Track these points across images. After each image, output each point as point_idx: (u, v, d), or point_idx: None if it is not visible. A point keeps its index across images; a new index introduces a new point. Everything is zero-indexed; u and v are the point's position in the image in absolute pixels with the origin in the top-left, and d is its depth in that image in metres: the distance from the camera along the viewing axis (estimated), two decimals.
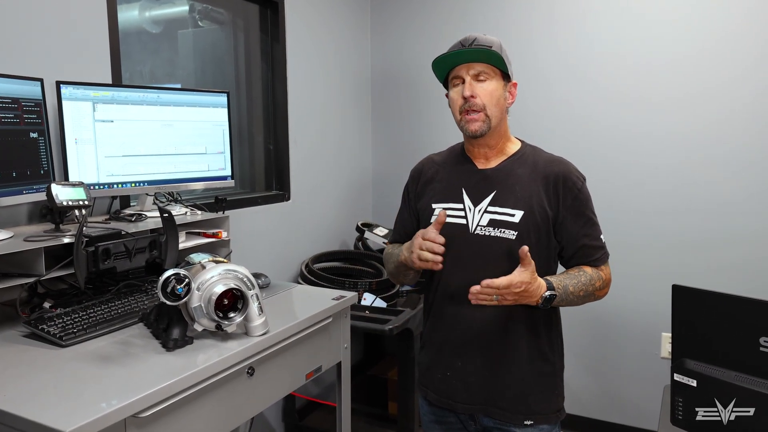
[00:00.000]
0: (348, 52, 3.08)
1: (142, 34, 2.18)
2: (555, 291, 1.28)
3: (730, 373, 1.16)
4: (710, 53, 2.46)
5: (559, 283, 1.30)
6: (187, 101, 1.90)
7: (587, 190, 1.39)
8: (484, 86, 1.34)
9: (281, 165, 2.67)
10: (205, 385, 1.20)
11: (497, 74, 1.35)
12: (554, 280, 1.31)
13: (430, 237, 1.30)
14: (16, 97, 1.43)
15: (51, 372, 1.13)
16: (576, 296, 1.33)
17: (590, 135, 2.72)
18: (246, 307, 1.28)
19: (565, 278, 1.33)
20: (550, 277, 1.32)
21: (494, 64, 1.34)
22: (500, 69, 1.36)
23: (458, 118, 1.38)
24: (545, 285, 1.28)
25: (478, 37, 1.35)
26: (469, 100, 1.33)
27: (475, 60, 1.33)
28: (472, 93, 1.33)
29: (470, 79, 1.33)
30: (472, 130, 1.35)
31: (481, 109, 1.33)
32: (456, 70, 1.36)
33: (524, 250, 1.22)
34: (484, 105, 1.33)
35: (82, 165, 1.64)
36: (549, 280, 1.29)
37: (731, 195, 2.47)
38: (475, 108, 1.33)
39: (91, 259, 1.40)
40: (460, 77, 1.35)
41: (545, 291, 1.27)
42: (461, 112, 1.36)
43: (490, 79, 1.34)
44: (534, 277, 1.25)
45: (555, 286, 1.29)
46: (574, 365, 2.81)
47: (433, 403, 1.47)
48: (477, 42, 1.34)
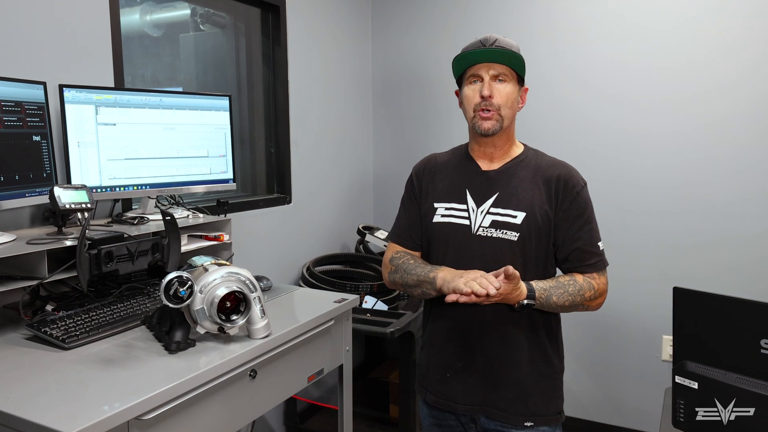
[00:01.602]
0: (349, 54, 3.09)
1: (144, 37, 2.19)
2: (535, 300, 1.29)
3: (732, 375, 1.16)
4: (710, 55, 2.46)
5: (543, 293, 1.30)
6: (188, 104, 1.91)
7: (587, 195, 1.39)
8: (502, 87, 1.35)
9: (282, 168, 2.67)
10: (208, 387, 1.20)
11: (514, 77, 1.37)
12: (538, 288, 1.30)
13: (492, 280, 1.22)
14: (19, 100, 1.43)
15: (54, 374, 1.14)
16: (560, 306, 1.33)
17: (590, 137, 2.72)
18: (248, 310, 1.28)
19: (552, 287, 1.32)
20: (537, 282, 1.32)
21: (514, 67, 1.36)
22: (517, 73, 1.37)
23: (471, 115, 1.38)
24: (525, 293, 1.28)
25: (499, 38, 1.36)
26: (487, 100, 1.34)
27: (497, 60, 1.34)
28: (490, 93, 1.34)
29: (489, 79, 1.35)
30: (485, 128, 1.35)
31: (497, 110, 1.35)
32: (475, 68, 1.36)
33: (509, 271, 1.20)
34: (500, 106, 1.35)
35: (84, 168, 1.64)
36: (532, 288, 1.29)
37: (732, 197, 2.47)
38: (490, 107, 1.34)
39: (93, 262, 1.40)
40: (479, 76, 1.36)
41: (524, 298, 1.28)
42: (476, 109, 1.36)
43: (507, 81, 1.35)
44: (516, 286, 1.25)
45: (537, 296, 1.29)
46: (574, 367, 2.81)
47: (433, 406, 1.48)
48: (498, 43, 1.35)
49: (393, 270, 1.47)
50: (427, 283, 1.35)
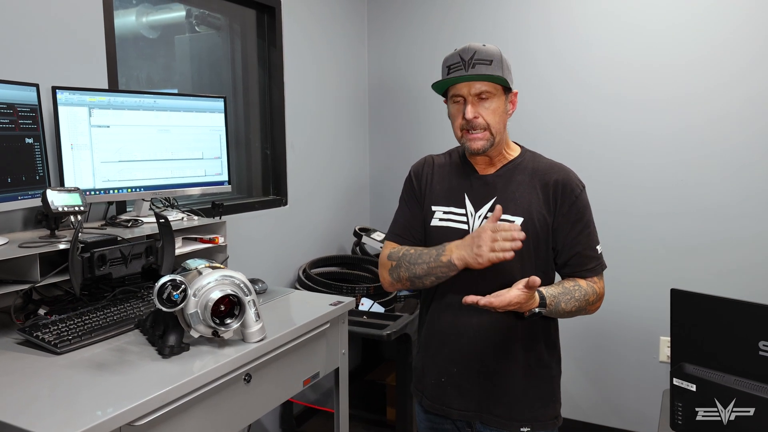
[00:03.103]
0: (345, 56, 3.08)
1: (138, 39, 2.18)
2: (546, 308, 1.27)
3: (730, 377, 1.15)
4: (707, 55, 2.46)
5: (553, 300, 1.29)
6: (183, 106, 1.90)
7: (586, 198, 1.38)
8: (487, 105, 1.31)
9: (278, 170, 2.66)
10: (202, 392, 1.19)
11: (499, 90, 1.32)
12: (548, 295, 1.29)
13: (504, 227, 1.20)
14: (11, 102, 1.42)
15: (46, 380, 1.13)
16: (567, 312, 1.32)
17: (588, 138, 2.72)
18: (243, 314, 1.27)
19: (560, 294, 1.31)
20: (546, 289, 1.30)
21: (497, 82, 1.31)
22: (502, 84, 1.34)
23: (459, 134, 1.35)
24: (538, 301, 1.26)
25: (477, 49, 1.30)
26: (472, 121, 1.30)
27: (476, 80, 1.30)
28: (474, 114, 1.30)
29: (472, 99, 1.30)
30: (474, 148, 1.32)
31: (485, 128, 1.31)
32: (456, 88, 1.32)
33: (536, 283, 1.18)
34: (488, 124, 1.31)
35: (77, 170, 1.63)
36: (543, 296, 1.28)
37: (730, 198, 2.47)
38: (478, 127, 1.31)
39: (86, 266, 1.39)
40: (461, 96, 1.32)
41: (536, 306, 1.26)
42: (462, 129, 1.33)
43: (492, 98, 1.31)
44: (531, 295, 1.23)
45: (548, 303, 1.28)
46: (572, 370, 2.81)
47: (428, 410, 1.46)
48: (477, 56, 1.29)
49: (394, 266, 1.39)
50: (442, 267, 1.30)
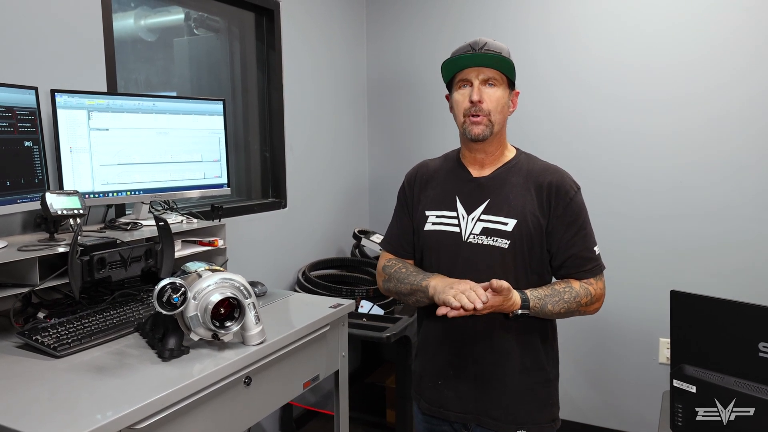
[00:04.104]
0: (344, 58, 3.09)
1: (137, 42, 2.18)
2: (529, 310, 1.29)
3: (730, 378, 1.16)
4: (707, 55, 2.47)
5: (537, 301, 1.29)
6: (182, 109, 1.90)
7: (581, 200, 1.38)
8: (492, 92, 1.33)
9: (277, 172, 2.66)
10: (202, 395, 1.19)
11: (504, 82, 1.35)
12: (532, 297, 1.29)
13: (479, 293, 1.21)
14: (10, 105, 1.42)
15: (45, 383, 1.12)
16: (555, 314, 1.32)
17: (587, 139, 2.72)
18: (243, 316, 1.27)
19: (547, 296, 1.31)
20: (532, 291, 1.31)
21: (504, 71, 1.34)
22: (507, 77, 1.36)
23: (461, 120, 1.36)
24: (519, 302, 1.27)
25: (488, 41, 1.34)
26: (476, 105, 1.32)
27: (486, 65, 1.32)
28: (480, 98, 1.32)
29: (479, 84, 1.33)
30: (475, 133, 1.34)
31: (486, 114, 1.33)
32: (464, 72, 1.34)
33: (502, 286, 1.20)
34: (490, 111, 1.33)
35: (77, 173, 1.63)
36: (526, 298, 1.29)
37: (729, 199, 2.47)
38: (480, 112, 1.33)
39: (86, 269, 1.39)
40: (468, 80, 1.34)
41: (518, 308, 1.27)
42: (465, 114, 1.35)
43: (497, 86, 1.34)
44: (508, 297, 1.24)
45: (531, 305, 1.29)
46: (571, 372, 2.81)
47: (426, 413, 1.47)
48: (487, 47, 1.33)
49: (386, 278, 1.47)
50: (420, 291, 1.35)
